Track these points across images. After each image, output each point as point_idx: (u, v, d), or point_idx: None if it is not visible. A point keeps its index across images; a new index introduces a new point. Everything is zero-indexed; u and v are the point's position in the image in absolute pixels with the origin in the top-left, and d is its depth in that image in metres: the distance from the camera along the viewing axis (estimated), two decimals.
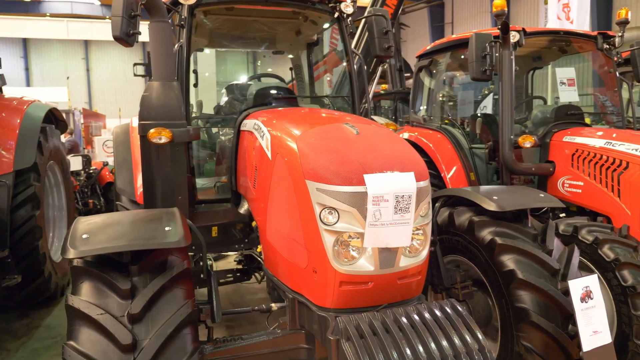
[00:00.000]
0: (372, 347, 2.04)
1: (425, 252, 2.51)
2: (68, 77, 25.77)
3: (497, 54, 4.54)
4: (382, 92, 11.84)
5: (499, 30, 4.46)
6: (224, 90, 5.11)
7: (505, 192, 3.30)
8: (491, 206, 3.03)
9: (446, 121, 5.86)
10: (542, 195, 3.22)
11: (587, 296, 2.63)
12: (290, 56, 5.74)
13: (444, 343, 2.13)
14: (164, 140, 3.31)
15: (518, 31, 4.79)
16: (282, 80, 4.75)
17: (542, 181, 4.84)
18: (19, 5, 29.67)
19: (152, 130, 3.28)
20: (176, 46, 3.92)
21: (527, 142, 4.49)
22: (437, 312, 2.27)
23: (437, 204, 3.46)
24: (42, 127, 5.18)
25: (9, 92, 6.04)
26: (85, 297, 2.18)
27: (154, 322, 2.16)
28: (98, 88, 33.36)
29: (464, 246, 3.25)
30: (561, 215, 4.68)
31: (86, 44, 32.43)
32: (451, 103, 6.00)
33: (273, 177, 2.76)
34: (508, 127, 4.52)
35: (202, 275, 2.88)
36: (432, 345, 2.11)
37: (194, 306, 2.27)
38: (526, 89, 6.45)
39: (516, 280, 2.83)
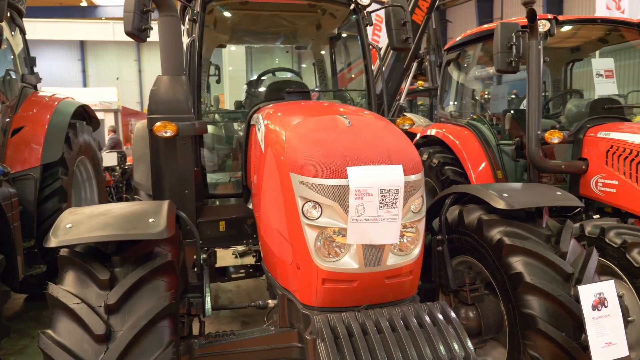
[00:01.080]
0: (346, 350, 1.93)
1: (417, 251, 2.36)
2: (118, 78, 26.90)
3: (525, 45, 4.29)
4: (419, 88, 11.55)
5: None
6: (245, 86, 5.11)
7: (519, 190, 3.08)
8: (500, 204, 2.82)
9: (474, 117, 5.59)
10: (559, 194, 2.97)
11: (600, 304, 2.40)
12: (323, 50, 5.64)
13: (426, 349, 1.98)
14: (169, 133, 3.33)
15: (549, 19, 4.49)
16: (297, 74, 4.68)
17: (574, 180, 4.52)
18: (77, 11, 31.29)
19: (157, 124, 3.29)
20: (188, 40, 3.94)
21: (554, 137, 4.19)
22: (425, 316, 2.12)
23: (447, 201, 3.28)
24: (71, 123, 5.36)
25: (66, 92, 6.31)
26: (66, 286, 2.20)
27: (130, 314, 2.14)
28: (149, 88, 34.56)
29: (473, 246, 3.05)
30: (595, 216, 4.36)
31: (138, 46, 33.72)
32: (481, 98, 5.73)
33: (264, 169, 2.70)
34: (535, 121, 4.24)
35: (194, 270, 2.86)
36: (413, 351, 1.97)
37: (173, 299, 2.24)
38: (565, 82, 6.08)
39: (523, 284, 2.62)
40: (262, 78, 4.57)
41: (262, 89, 4.53)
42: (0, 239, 3.83)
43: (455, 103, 5.92)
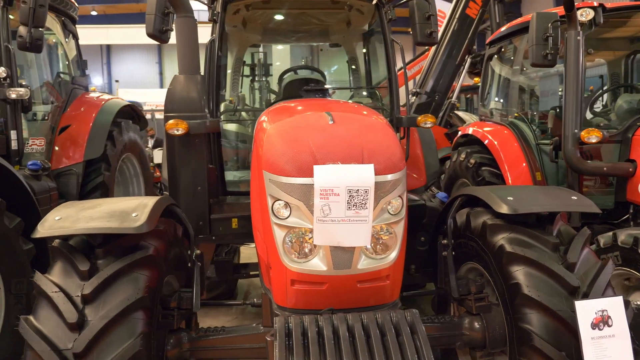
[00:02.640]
0: (295, 353, 1.87)
1: (393, 255, 2.24)
2: None
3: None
4: (475, 85, 11.01)
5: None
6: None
7: (529, 193, 2.83)
8: (503, 208, 2.61)
9: (516, 115, 5.24)
10: (574, 198, 2.69)
11: (602, 322, 2.14)
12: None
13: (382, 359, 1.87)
14: (180, 131, 3.41)
15: (594, 7, 4.10)
16: (319, 72, 4.63)
17: (620, 184, 4.09)
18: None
19: (170, 122, 3.39)
20: (210, 41, 4.02)
21: (592, 136, 3.80)
22: (389, 324, 2.00)
23: (455, 204, 3.09)
24: (117, 122, 5.68)
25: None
26: (51, 275, 2.31)
27: (104, 304, 2.21)
28: None
29: (478, 252, 2.86)
30: None
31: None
32: (525, 94, 5.36)
33: (252, 167, 2.69)
34: (572, 119, 3.88)
35: (189, 264, 2.90)
36: (366, 359, 1.86)
37: (147, 292, 2.28)
38: (626, 76, 5.52)
39: (520, 295, 2.41)
40: (283, 77, 4.57)
41: (281, 87, 4.53)
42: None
43: (498, 100, 5.58)
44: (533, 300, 2.36)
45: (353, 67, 5.52)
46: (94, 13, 31.36)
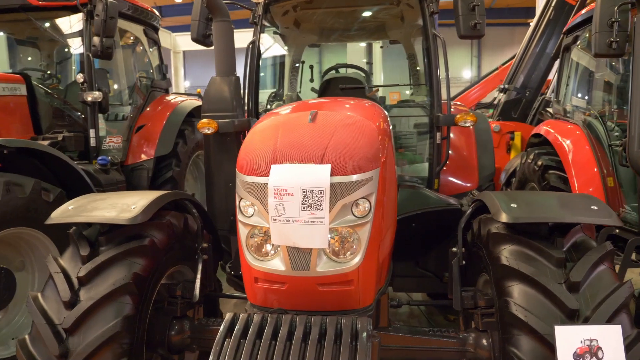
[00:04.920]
0: (227, 351, 1.89)
1: (357, 259, 2.14)
2: None
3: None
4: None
5: None
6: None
7: (542, 200, 2.51)
8: (502, 217, 2.36)
9: (590, 113, 4.63)
10: (595, 208, 2.32)
11: (588, 353, 1.83)
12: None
13: None
14: (210, 130, 3.61)
15: None
16: (362, 70, 4.54)
17: None
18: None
19: (202, 121, 3.60)
20: (247, 43, 4.17)
21: None
22: (331, 330, 1.92)
23: (468, 210, 2.85)
24: (189, 121, 6.13)
25: None
26: (61, 257, 2.60)
27: (96, 287, 2.43)
28: None
29: (486, 263, 2.60)
30: None
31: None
32: (601, 90, 4.71)
33: None
34: (638, 117, 3.35)
35: (204, 256, 3.02)
36: None
37: (134, 279, 2.45)
38: None
39: (507, 314, 2.16)
40: (324, 76, 4.57)
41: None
42: None
43: (573, 96, 4.98)
44: (520, 321, 2.10)
45: (412, 63, 5.32)
46: None
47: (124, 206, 2.61)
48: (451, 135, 4.79)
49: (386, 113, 3.33)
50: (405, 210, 3.42)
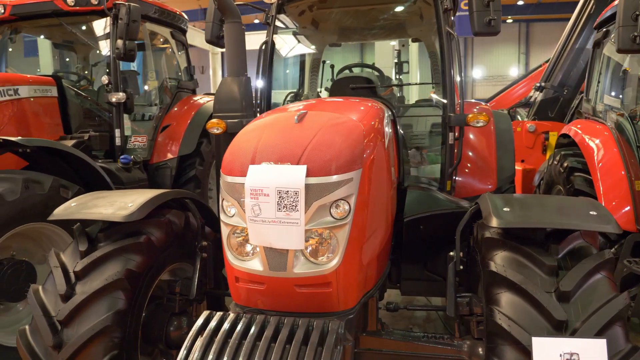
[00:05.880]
0: (198, 348, 1.90)
1: (335, 261, 2.10)
2: None
3: None
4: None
5: None
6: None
7: (539, 204, 2.38)
8: (493, 221, 2.26)
9: (620, 112, 4.36)
10: (594, 214, 2.18)
11: None
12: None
13: None
14: (219, 130, 3.67)
15: None
16: (376, 69, 4.47)
17: None
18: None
19: (211, 121, 3.67)
20: (260, 43, 4.20)
21: None
22: (300, 332, 1.90)
23: (466, 215, 2.75)
24: None
25: None
26: (63, 253, 2.71)
27: (90, 281, 2.52)
28: None
29: (479, 268, 2.51)
30: None
31: None
32: (636, 88, 4.43)
33: None
34: None
35: (204, 254, 3.07)
36: None
37: (126, 275, 2.52)
38: None
39: (491, 323, 2.06)
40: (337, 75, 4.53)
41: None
42: None
43: (604, 95, 4.70)
44: (504, 330, 2.01)
45: (434, 62, 5.19)
46: None
47: (122, 204, 2.69)
48: (470, 135, 4.65)
49: (389, 113, 3.26)
50: (413, 212, 3.35)
